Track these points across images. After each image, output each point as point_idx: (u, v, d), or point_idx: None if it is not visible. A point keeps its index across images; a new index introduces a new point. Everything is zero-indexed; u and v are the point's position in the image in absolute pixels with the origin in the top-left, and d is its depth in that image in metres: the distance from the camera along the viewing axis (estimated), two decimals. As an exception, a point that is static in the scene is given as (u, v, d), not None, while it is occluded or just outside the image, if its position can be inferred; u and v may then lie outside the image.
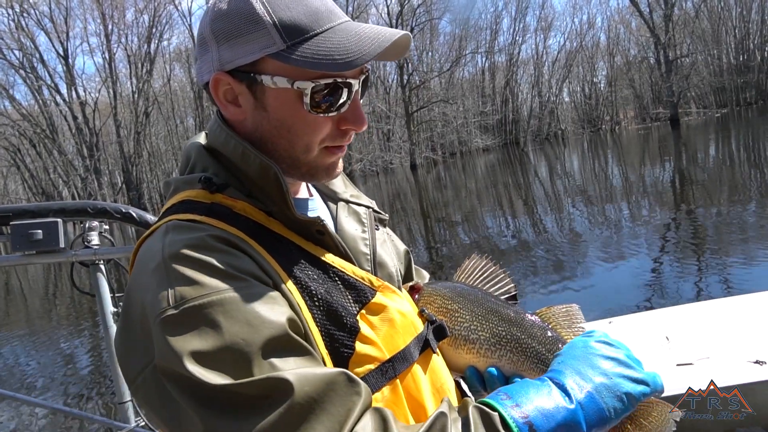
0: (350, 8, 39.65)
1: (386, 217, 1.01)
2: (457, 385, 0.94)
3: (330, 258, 0.81)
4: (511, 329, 0.90)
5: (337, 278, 0.79)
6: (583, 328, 0.94)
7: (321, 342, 0.74)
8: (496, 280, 0.98)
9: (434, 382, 0.84)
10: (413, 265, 1.14)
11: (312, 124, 0.80)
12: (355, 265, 0.84)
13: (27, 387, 6.60)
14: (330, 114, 0.80)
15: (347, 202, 0.97)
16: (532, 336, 0.90)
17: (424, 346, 0.84)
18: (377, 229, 0.96)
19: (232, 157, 0.82)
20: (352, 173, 35.01)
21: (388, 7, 41.97)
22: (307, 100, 0.78)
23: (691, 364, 2.08)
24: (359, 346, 0.76)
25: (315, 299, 0.76)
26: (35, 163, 38.19)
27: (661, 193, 12.56)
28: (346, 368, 0.74)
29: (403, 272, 1.09)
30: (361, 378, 0.74)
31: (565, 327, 0.94)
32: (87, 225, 2.02)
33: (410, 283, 1.01)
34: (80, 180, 37.12)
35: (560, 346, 0.89)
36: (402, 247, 1.11)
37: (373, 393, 0.74)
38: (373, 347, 0.77)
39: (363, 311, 0.79)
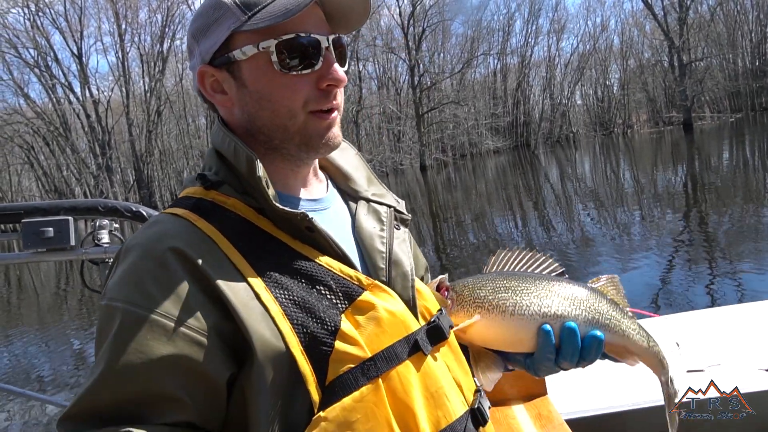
0: (362, 9, 39.64)
1: (408, 217, 1.01)
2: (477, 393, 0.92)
3: (317, 256, 0.81)
4: (578, 292, 0.94)
5: (322, 276, 0.79)
6: (625, 296, 1.01)
7: (295, 340, 0.74)
8: (539, 262, 0.99)
9: (428, 386, 0.81)
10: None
11: (288, 85, 0.82)
12: (348, 262, 0.83)
13: (38, 383, 6.66)
14: (304, 72, 0.82)
15: (367, 200, 0.96)
16: (598, 298, 0.95)
17: (415, 347, 0.81)
18: (398, 229, 0.95)
19: (227, 154, 0.86)
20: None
21: (399, 8, 41.99)
22: (274, 58, 0.82)
23: (701, 371, 2.06)
24: (339, 344, 0.75)
25: (291, 298, 0.76)
26: (48, 160, 38.55)
27: (673, 198, 12.46)
28: (326, 366, 0.75)
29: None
30: (340, 376, 0.74)
31: (614, 294, 1.00)
32: (97, 223, 2.03)
33: (438, 278, 0.98)
34: (92, 178, 37.41)
35: (621, 307, 0.97)
36: (423, 262, 1.12)
37: (351, 392, 0.74)
38: (355, 346, 0.76)
39: (349, 309, 0.78)
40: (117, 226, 2.07)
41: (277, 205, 0.80)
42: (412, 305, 0.86)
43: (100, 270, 2.05)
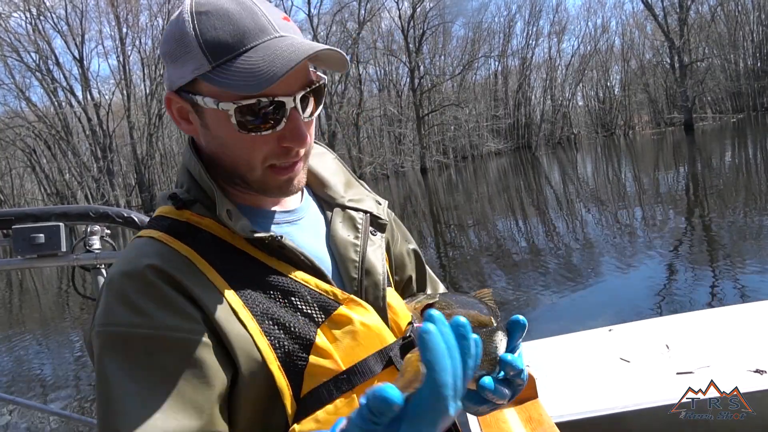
0: (362, 11, 39.78)
1: (386, 221, 0.97)
2: None
3: (292, 271, 0.81)
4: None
5: (298, 292, 0.80)
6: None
7: (272, 356, 0.75)
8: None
9: None
10: (428, 271, 1.11)
11: (248, 143, 0.79)
12: (322, 276, 0.83)
13: (40, 390, 6.68)
14: (264, 133, 0.78)
15: (343, 207, 0.95)
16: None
17: (389, 361, 0.82)
18: (374, 235, 0.93)
19: (193, 174, 0.85)
20: (362, 176, 35.01)
21: (399, 10, 42.03)
22: (233, 120, 0.77)
23: (691, 372, 2.06)
24: (313, 359, 0.76)
25: (268, 315, 0.77)
26: (50, 164, 38.63)
27: (674, 200, 12.44)
28: (301, 380, 0.75)
29: (414, 275, 1.08)
30: (314, 389, 0.75)
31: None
32: (89, 229, 2.03)
33: (428, 302, 0.93)
34: (94, 181, 37.47)
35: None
36: (410, 246, 1.08)
37: (325, 405, 0.75)
38: (328, 359, 0.77)
39: (325, 324, 0.79)
40: (108, 231, 2.07)
41: (245, 234, 0.79)
42: (383, 315, 0.86)
43: (92, 276, 2.06)
